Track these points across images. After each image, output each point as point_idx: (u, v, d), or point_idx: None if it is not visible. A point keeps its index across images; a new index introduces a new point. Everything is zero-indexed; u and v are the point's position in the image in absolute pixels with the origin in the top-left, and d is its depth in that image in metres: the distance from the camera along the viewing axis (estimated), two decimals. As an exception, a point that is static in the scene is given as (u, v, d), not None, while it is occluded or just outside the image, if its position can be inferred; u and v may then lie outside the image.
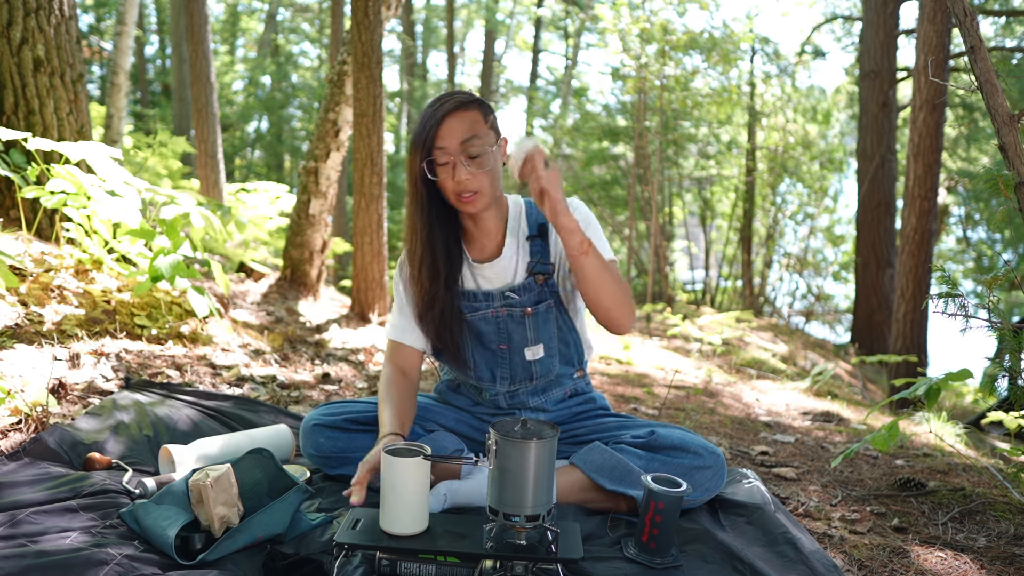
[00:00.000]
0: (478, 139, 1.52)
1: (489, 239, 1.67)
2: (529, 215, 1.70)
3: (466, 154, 1.51)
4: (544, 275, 1.66)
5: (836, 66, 42.70)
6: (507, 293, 1.66)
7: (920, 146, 5.65)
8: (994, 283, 1.79)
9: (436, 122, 1.51)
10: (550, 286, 1.68)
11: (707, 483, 1.61)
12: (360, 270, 4.38)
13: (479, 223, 1.65)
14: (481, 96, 1.61)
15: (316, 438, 1.69)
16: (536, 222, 1.69)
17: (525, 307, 1.66)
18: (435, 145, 1.51)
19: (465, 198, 1.54)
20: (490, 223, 1.65)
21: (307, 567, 1.26)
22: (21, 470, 1.52)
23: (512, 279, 1.67)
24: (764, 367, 4.82)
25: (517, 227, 1.68)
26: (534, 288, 1.67)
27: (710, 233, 10.98)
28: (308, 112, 14.60)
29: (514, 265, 1.67)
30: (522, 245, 1.68)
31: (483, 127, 1.54)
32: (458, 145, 1.50)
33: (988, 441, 3.30)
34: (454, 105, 1.52)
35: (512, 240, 1.67)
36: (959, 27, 1.66)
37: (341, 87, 4.59)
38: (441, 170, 1.53)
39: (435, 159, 1.52)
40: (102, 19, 15.30)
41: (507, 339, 1.68)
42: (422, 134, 1.52)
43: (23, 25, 3.07)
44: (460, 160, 1.51)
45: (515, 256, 1.67)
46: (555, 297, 1.69)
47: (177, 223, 2.91)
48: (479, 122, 1.53)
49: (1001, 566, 1.54)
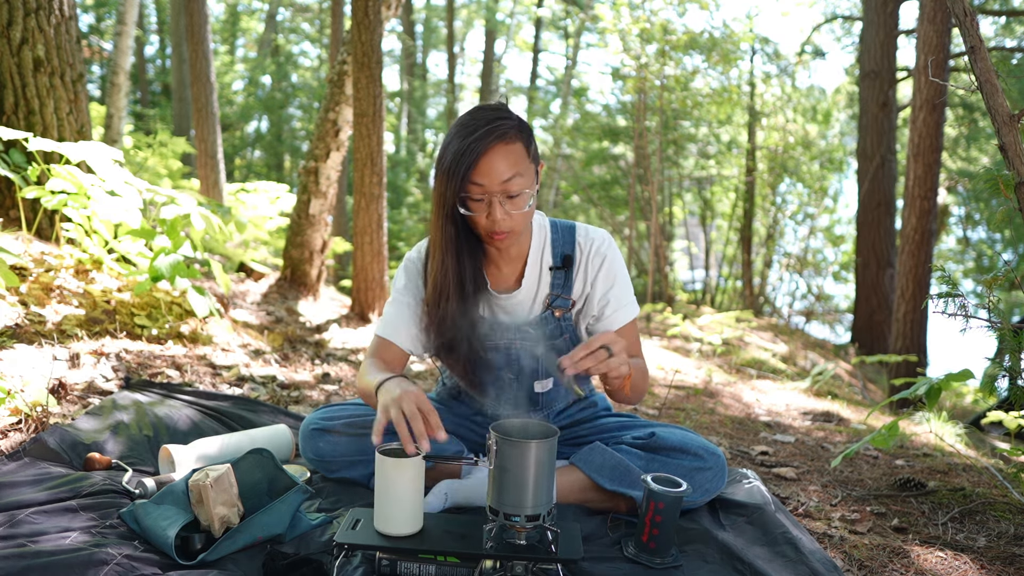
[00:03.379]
0: (520, 178, 1.39)
1: (510, 267, 1.58)
2: (555, 242, 1.59)
3: (505, 193, 1.38)
4: (563, 310, 1.59)
5: (836, 66, 42.68)
6: (522, 327, 1.58)
7: (920, 146, 5.65)
8: (994, 283, 1.79)
9: (477, 155, 1.35)
10: (567, 320, 1.60)
11: (707, 484, 1.61)
12: (360, 270, 4.38)
13: (503, 251, 1.55)
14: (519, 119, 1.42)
15: (315, 442, 1.68)
16: (561, 252, 1.58)
17: (539, 342, 1.59)
18: (472, 180, 1.37)
19: (497, 237, 1.43)
20: (514, 251, 1.56)
21: (307, 567, 1.26)
22: (21, 470, 1.52)
23: (529, 313, 1.60)
24: (764, 367, 4.82)
25: (540, 255, 1.58)
26: (551, 322, 1.59)
27: (710, 233, 10.98)
28: (308, 112, 14.60)
29: (532, 297, 1.59)
30: (543, 275, 1.58)
31: (526, 162, 1.41)
32: (499, 185, 1.37)
33: (988, 441, 3.30)
34: (498, 137, 1.36)
35: (533, 270, 1.58)
36: (959, 27, 1.66)
37: (341, 87, 4.59)
38: (475, 205, 1.40)
39: (470, 194, 1.39)
40: (102, 19, 15.30)
41: (517, 370, 1.62)
42: (459, 164, 1.36)
43: (23, 25, 3.07)
44: (498, 199, 1.38)
45: (535, 287, 1.58)
46: (571, 331, 1.62)
47: (177, 223, 2.91)
48: (523, 158, 1.40)
49: (1001, 566, 1.54)
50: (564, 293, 1.59)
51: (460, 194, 1.39)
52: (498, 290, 1.60)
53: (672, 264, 11.55)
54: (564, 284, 1.59)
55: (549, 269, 1.59)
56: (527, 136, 1.43)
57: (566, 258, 1.58)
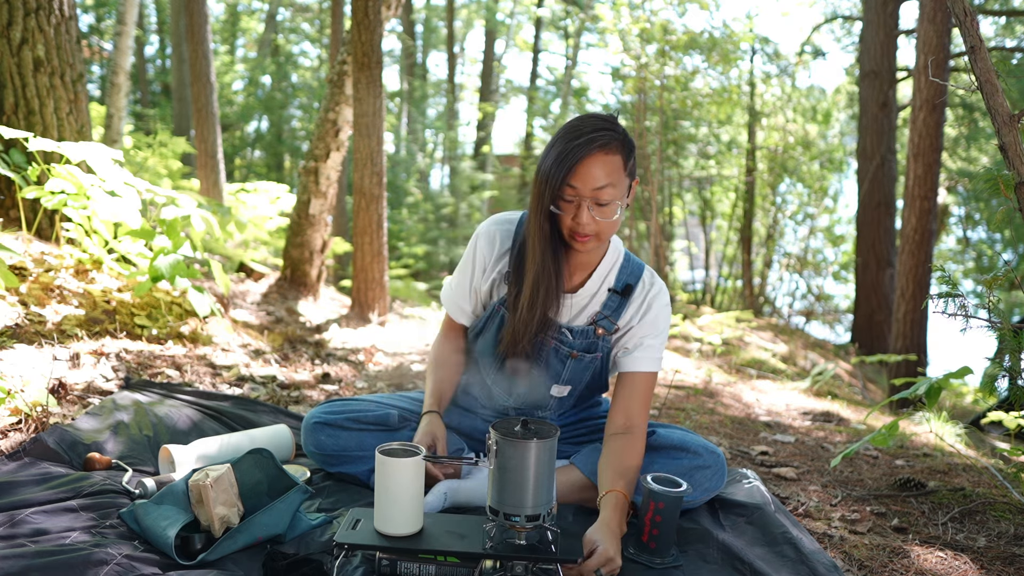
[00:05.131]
0: (613, 188, 1.44)
1: (575, 271, 1.61)
2: (623, 269, 1.63)
3: (596, 200, 1.43)
4: (605, 331, 1.61)
5: (836, 66, 42.73)
6: (564, 329, 1.61)
7: (920, 146, 5.65)
8: (994, 283, 1.79)
9: (577, 160, 1.42)
10: (605, 341, 1.63)
11: (707, 483, 1.61)
12: (360, 270, 4.38)
13: (574, 252, 1.57)
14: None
15: (317, 436, 1.69)
16: (625, 281, 1.62)
17: (573, 349, 1.62)
18: (568, 183, 1.43)
19: (579, 239, 1.47)
20: (583, 257, 1.59)
21: (307, 567, 1.26)
22: (21, 470, 1.52)
23: (574, 319, 1.63)
24: (764, 367, 4.82)
25: (605, 273, 1.62)
26: (590, 336, 1.62)
27: (710, 233, 10.98)
28: (308, 112, 14.59)
29: (583, 307, 1.62)
30: (601, 293, 1.62)
31: (621, 175, 1.46)
32: (591, 191, 1.43)
33: (988, 441, 3.30)
34: (600, 146, 1.42)
35: (594, 284, 1.61)
36: (959, 27, 1.66)
37: (341, 87, 4.59)
38: (566, 206, 1.46)
39: (562, 194, 1.45)
40: (102, 19, 15.30)
41: (543, 367, 1.64)
42: (559, 166, 1.43)
43: (23, 25, 3.07)
44: (587, 204, 1.44)
45: (588, 300, 1.62)
46: (606, 352, 1.64)
47: (177, 224, 2.91)
48: (619, 169, 1.45)
49: (1001, 566, 1.54)
50: (613, 317, 1.61)
51: (555, 193, 1.45)
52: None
53: (672, 264, 11.55)
54: (616, 309, 1.62)
55: (608, 290, 1.62)
56: (628, 151, 1.48)
57: (627, 287, 1.62)
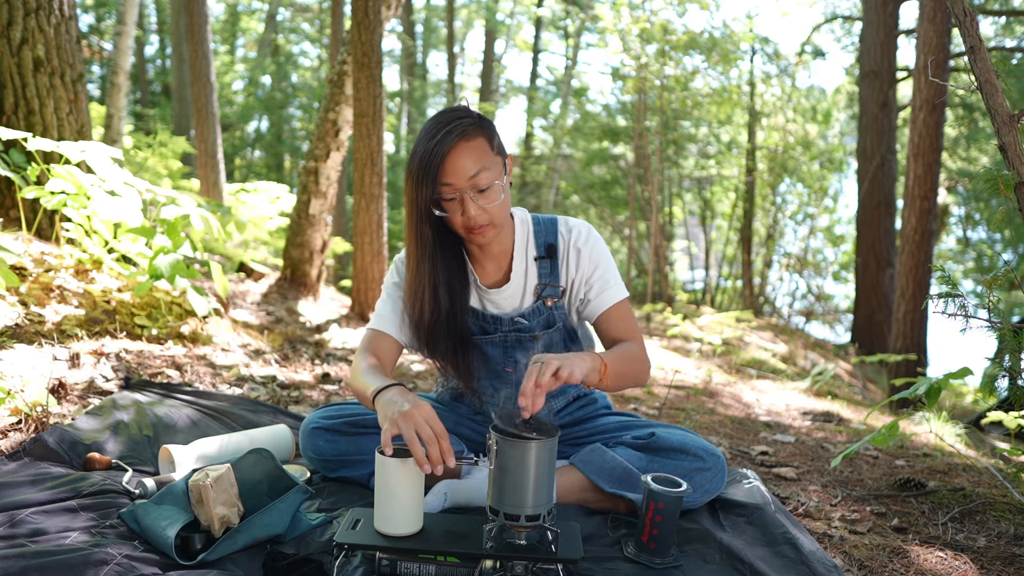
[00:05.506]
0: (486, 171, 1.43)
1: (496, 264, 1.61)
2: (537, 234, 1.62)
3: (475, 189, 1.42)
4: (553, 298, 1.61)
5: (836, 66, 42.75)
6: (516, 318, 1.61)
7: (920, 146, 5.65)
8: (994, 283, 1.79)
9: (441, 157, 1.40)
10: (559, 308, 1.63)
11: (707, 485, 1.61)
12: (360, 270, 4.38)
13: (485, 248, 1.57)
14: (480, 105, 1.46)
15: (315, 441, 1.68)
16: (544, 242, 1.61)
17: (534, 332, 1.62)
18: (442, 181, 1.42)
19: (476, 231, 1.46)
20: (496, 248, 1.58)
21: (307, 567, 1.26)
22: (21, 470, 1.52)
23: (520, 304, 1.62)
24: (764, 367, 4.82)
25: (525, 248, 1.61)
26: (543, 312, 1.62)
27: (710, 233, 10.98)
28: (308, 112, 14.59)
29: (522, 289, 1.62)
30: (530, 266, 1.61)
31: (490, 155, 1.45)
32: (466, 181, 1.41)
33: (988, 441, 3.30)
34: (458, 135, 1.41)
35: (520, 263, 1.61)
36: (959, 27, 1.66)
37: (341, 87, 4.59)
38: (449, 205, 1.44)
39: (441, 195, 1.43)
40: (102, 19, 15.29)
41: (513, 363, 1.65)
42: (425, 168, 1.41)
43: (23, 25, 3.07)
44: (469, 195, 1.43)
45: (523, 279, 1.61)
46: (564, 318, 1.64)
47: (177, 223, 2.91)
48: (486, 151, 1.44)
49: (1001, 566, 1.54)
50: (552, 281, 1.61)
51: (433, 196, 1.43)
52: (487, 285, 1.63)
53: (672, 264, 11.55)
54: (551, 272, 1.62)
55: (535, 260, 1.62)
56: (488, 130, 1.47)
57: (550, 247, 1.61)
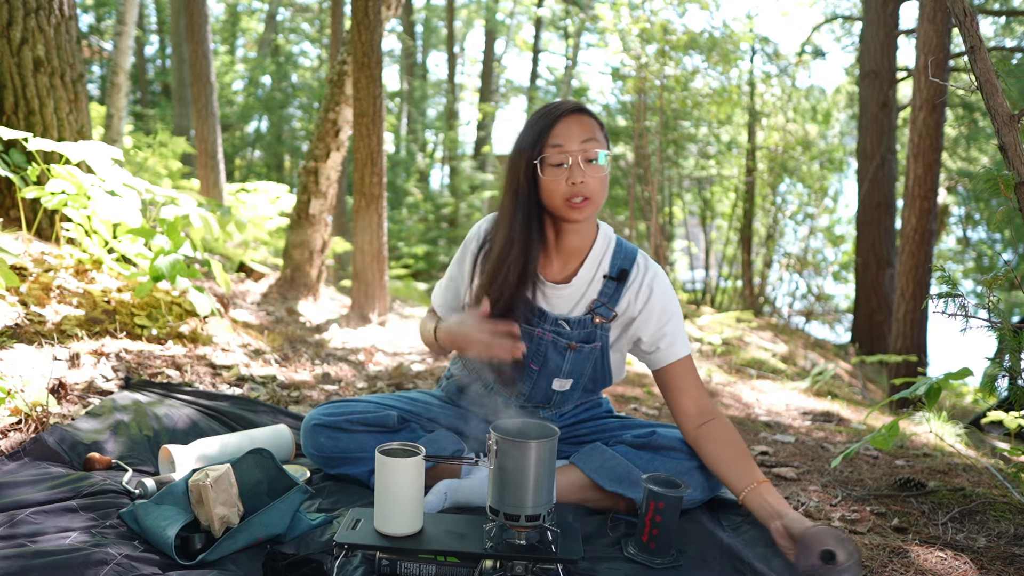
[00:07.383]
0: (596, 142, 1.44)
1: (563, 262, 1.59)
2: (616, 254, 1.60)
3: (584, 155, 1.43)
4: (603, 319, 1.59)
5: (836, 66, 42.75)
6: (560, 321, 1.59)
7: (920, 146, 5.65)
8: (994, 283, 1.79)
9: (553, 120, 1.43)
10: (604, 330, 1.60)
11: (707, 483, 1.61)
12: (360, 270, 4.38)
13: (564, 238, 1.55)
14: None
15: (316, 438, 1.69)
16: (620, 266, 1.59)
17: (572, 341, 1.60)
18: (550, 143, 1.43)
19: (575, 203, 1.44)
20: (574, 242, 1.56)
21: (307, 567, 1.26)
22: (21, 470, 1.52)
23: (571, 310, 1.60)
24: (764, 367, 4.82)
25: (599, 260, 1.59)
26: (588, 326, 1.59)
27: (710, 233, 10.97)
28: (308, 112, 14.60)
29: (579, 297, 1.59)
30: (596, 280, 1.59)
31: (600, 135, 1.47)
32: (578, 145, 1.43)
33: (988, 441, 3.30)
34: (572, 107, 1.45)
35: (588, 272, 1.58)
36: (959, 27, 1.66)
37: (341, 87, 4.59)
38: (554, 171, 1.44)
39: (547, 157, 1.43)
40: (102, 19, 15.30)
41: (542, 362, 1.62)
42: (535, 132, 1.44)
43: (23, 25, 3.07)
44: (579, 159, 1.42)
45: (584, 289, 1.59)
46: (605, 341, 1.62)
47: (177, 223, 2.91)
48: (596, 130, 1.47)
49: (1001, 566, 1.54)
50: (610, 304, 1.59)
51: (540, 157, 1.44)
52: (548, 279, 1.60)
53: (672, 264, 11.55)
54: (612, 295, 1.59)
55: (603, 277, 1.59)
56: (598, 121, 1.50)
57: (622, 272, 1.59)
